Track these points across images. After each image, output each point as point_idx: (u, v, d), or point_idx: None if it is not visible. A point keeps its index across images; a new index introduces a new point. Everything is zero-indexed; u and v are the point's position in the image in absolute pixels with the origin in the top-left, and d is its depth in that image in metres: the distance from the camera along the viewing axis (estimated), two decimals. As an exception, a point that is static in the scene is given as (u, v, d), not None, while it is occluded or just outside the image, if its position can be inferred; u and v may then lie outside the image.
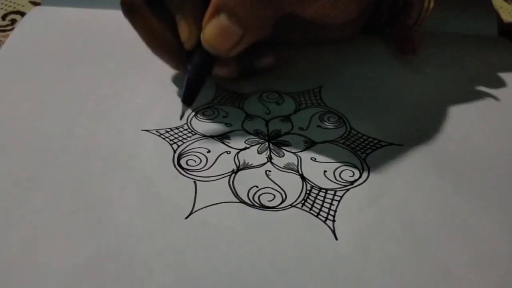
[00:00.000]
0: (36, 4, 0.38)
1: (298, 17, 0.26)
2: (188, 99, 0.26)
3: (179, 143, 0.26)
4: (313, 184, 0.24)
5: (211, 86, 0.30)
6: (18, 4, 0.39)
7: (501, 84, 0.32)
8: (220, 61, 0.27)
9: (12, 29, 0.35)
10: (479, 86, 0.31)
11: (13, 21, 0.37)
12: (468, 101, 0.30)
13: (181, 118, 0.27)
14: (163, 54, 0.28)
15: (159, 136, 0.26)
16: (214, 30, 0.24)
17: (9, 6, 0.38)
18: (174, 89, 0.30)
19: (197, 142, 0.26)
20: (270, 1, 0.23)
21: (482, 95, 0.31)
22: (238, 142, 0.26)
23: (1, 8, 0.38)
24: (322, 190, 0.24)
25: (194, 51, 0.26)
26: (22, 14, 0.37)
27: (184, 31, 0.26)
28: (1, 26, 0.36)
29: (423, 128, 0.28)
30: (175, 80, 0.30)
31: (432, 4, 0.31)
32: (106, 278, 0.19)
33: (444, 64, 0.33)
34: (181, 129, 0.27)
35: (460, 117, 0.29)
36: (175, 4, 0.25)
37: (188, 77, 0.26)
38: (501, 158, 0.26)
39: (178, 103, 0.27)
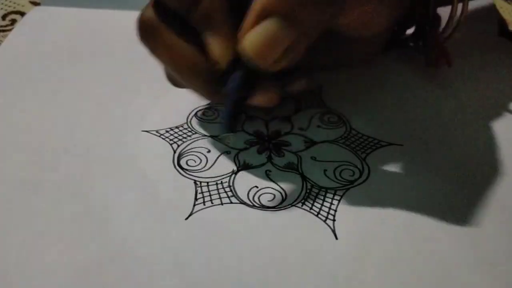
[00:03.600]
0: (36, 4, 0.38)
1: (328, 39, 0.24)
2: (233, 125, 0.23)
3: (179, 142, 0.26)
4: (313, 183, 0.24)
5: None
6: (18, 4, 0.39)
7: (501, 84, 0.32)
8: (259, 86, 0.23)
9: (12, 29, 0.35)
10: (478, 86, 0.31)
11: (13, 21, 0.37)
12: (468, 101, 0.30)
13: (228, 143, 0.24)
14: (194, 80, 0.23)
15: (159, 136, 0.26)
16: (261, 36, 0.20)
17: (9, 6, 0.38)
18: (174, 89, 0.30)
19: (197, 142, 0.26)
20: (328, 5, 0.20)
21: (481, 95, 0.30)
22: (238, 142, 0.26)
23: (1, 8, 0.38)
24: (322, 189, 0.24)
25: (229, 71, 0.22)
26: (22, 14, 0.37)
27: (216, 47, 0.22)
28: (1, 26, 0.36)
29: (423, 128, 0.28)
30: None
31: (465, 14, 0.29)
32: (107, 280, 0.19)
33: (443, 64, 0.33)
34: (181, 129, 0.27)
35: (460, 117, 0.29)
36: (200, 18, 0.21)
37: (228, 99, 0.23)
38: (501, 158, 0.26)
39: (178, 102, 0.27)
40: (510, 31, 0.37)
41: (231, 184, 0.24)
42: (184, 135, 0.27)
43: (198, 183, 0.24)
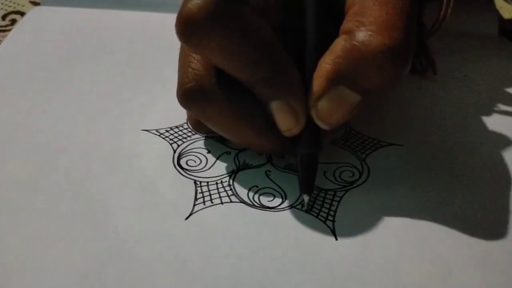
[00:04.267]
0: (36, 4, 0.38)
1: None
2: (311, 187, 0.23)
3: (179, 142, 0.26)
4: (313, 184, 0.24)
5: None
6: (18, 4, 0.39)
7: (501, 84, 0.32)
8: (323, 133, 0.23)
9: (12, 29, 0.35)
10: (479, 86, 0.31)
11: (13, 21, 0.37)
12: (468, 101, 0.30)
13: (307, 208, 0.23)
14: (253, 140, 0.22)
15: (159, 136, 0.26)
16: (332, 103, 0.21)
17: (9, 6, 0.38)
18: (174, 88, 0.30)
19: (197, 142, 0.26)
20: (392, 70, 0.20)
21: (481, 95, 0.31)
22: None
23: (1, 8, 0.38)
24: (322, 191, 0.24)
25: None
26: (22, 14, 0.37)
27: (290, 119, 0.21)
28: (1, 26, 0.36)
29: (423, 128, 0.28)
30: (175, 78, 0.30)
31: (449, 12, 0.29)
32: (107, 280, 0.19)
33: (444, 64, 0.33)
34: (181, 128, 0.27)
35: (460, 117, 0.29)
36: (275, 88, 0.21)
37: (303, 162, 0.22)
38: (501, 158, 0.26)
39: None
40: (510, 31, 0.37)
41: (231, 183, 0.24)
42: (184, 135, 0.27)
43: (198, 182, 0.24)
